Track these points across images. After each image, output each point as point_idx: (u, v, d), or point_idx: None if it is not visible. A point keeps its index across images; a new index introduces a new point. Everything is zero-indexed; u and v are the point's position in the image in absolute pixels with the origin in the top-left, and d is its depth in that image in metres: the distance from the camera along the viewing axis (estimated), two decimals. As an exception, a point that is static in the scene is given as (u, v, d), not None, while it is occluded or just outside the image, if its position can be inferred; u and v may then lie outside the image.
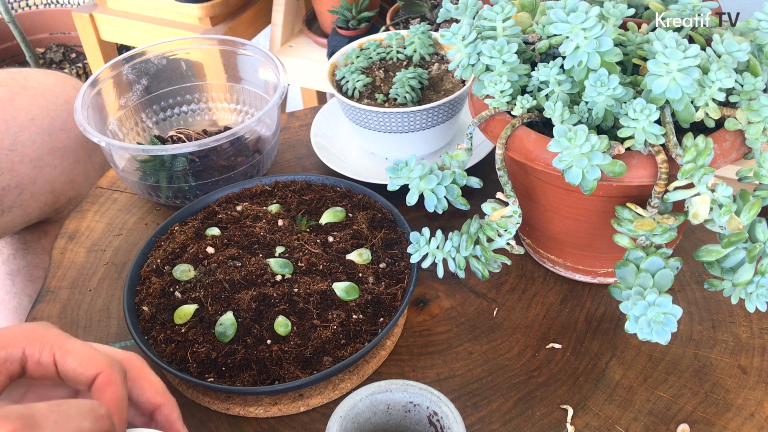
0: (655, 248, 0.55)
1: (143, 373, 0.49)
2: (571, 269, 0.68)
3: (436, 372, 0.63)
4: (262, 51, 0.88)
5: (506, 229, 0.59)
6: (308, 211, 0.73)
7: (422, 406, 0.50)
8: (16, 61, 2.03)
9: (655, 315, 0.50)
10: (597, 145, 0.51)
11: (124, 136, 0.88)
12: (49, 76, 0.95)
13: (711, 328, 0.64)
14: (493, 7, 0.59)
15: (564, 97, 0.57)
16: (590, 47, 0.53)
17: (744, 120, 0.53)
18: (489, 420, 0.59)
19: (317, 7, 1.53)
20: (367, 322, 0.62)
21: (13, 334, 0.45)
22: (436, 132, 0.79)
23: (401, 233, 0.70)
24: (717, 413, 0.58)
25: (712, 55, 0.53)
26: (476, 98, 0.62)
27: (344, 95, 0.80)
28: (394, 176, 0.61)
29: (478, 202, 0.62)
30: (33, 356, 0.44)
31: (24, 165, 0.86)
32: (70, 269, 0.76)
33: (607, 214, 0.58)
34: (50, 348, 0.44)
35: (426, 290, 0.70)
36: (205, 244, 0.69)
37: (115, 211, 0.83)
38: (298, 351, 0.60)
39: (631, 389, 0.60)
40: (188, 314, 0.64)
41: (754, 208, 0.52)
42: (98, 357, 0.44)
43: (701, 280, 0.68)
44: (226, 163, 0.81)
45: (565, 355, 0.63)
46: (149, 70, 0.90)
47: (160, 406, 0.48)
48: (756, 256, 0.53)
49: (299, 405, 0.60)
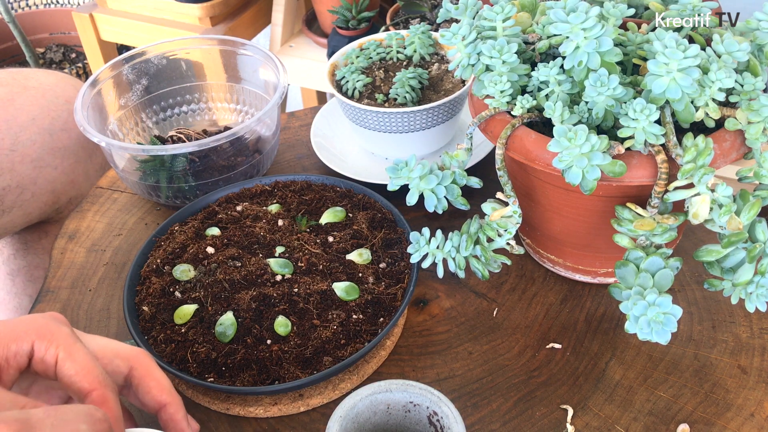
0: (655, 248, 0.55)
1: (150, 370, 0.49)
2: (571, 269, 0.68)
3: (436, 372, 0.63)
4: (262, 51, 0.88)
5: (506, 229, 0.59)
6: (308, 211, 0.73)
7: (422, 406, 0.50)
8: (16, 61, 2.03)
9: (655, 315, 0.50)
10: (597, 145, 0.51)
11: (124, 136, 0.88)
12: (50, 76, 0.95)
13: (711, 328, 0.64)
14: (493, 7, 0.59)
15: (564, 97, 0.57)
16: (590, 47, 0.53)
17: (744, 120, 0.53)
18: (489, 420, 0.59)
19: (317, 7, 1.53)
20: (367, 322, 0.62)
21: (24, 327, 0.45)
22: (436, 132, 0.79)
23: (401, 233, 0.70)
24: (717, 413, 0.58)
25: (712, 55, 0.53)
26: (476, 98, 0.62)
27: (344, 95, 0.80)
28: (394, 176, 0.61)
29: (478, 202, 0.62)
30: (39, 352, 0.44)
31: (25, 165, 0.86)
32: (70, 269, 0.76)
33: (607, 214, 0.58)
34: (56, 347, 0.44)
35: (426, 290, 0.70)
36: (205, 244, 0.69)
37: (115, 211, 0.83)
38: (298, 351, 0.60)
39: (631, 389, 0.60)
40: (188, 314, 0.64)
41: (754, 208, 0.52)
42: (95, 373, 0.44)
43: (701, 280, 0.68)
44: (226, 163, 0.81)
45: (565, 355, 0.63)
46: (149, 70, 0.90)
47: (165, 405, 0.49)
48: (756, 256, 0.53)
49: (299, 405, 0.60)
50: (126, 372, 0.49)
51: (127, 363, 0.49)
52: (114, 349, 0.49)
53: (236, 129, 0.77)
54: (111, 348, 0.49)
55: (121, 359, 0.49)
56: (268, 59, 0.86)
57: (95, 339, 0.50)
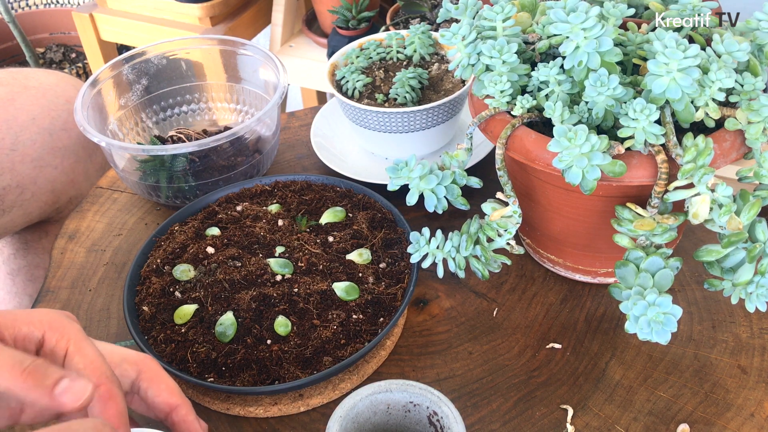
0: (655, 248, 0.55)
1: (158, 375, 0.50)
2: (571, 269, 0.68)
3: (436, 372, 0.63)
4: (262, 51, 0.88)
5: (506, 229, 0.59)
6: (308, 211, 0.73)
7: (422, 406, 0.50)
8: (16, 61, 2.03)
9: (655, 315, 0.50)
10: (597, 145, 0.51)
11: (124, 136, 0.88)
12: (50, 75, 0.95)
13: (711, 328, 0.64)
14: (493, 7, 0.59)
15: (564, 97, 0.57)
16: (590, 47, 0.53)
17: (744, 120, 0.53)
18: (489, 420, 0.59)
19: (317, 7, 1.53)
20: (367, 322, 0.62)
21: (39, 316, 0.46)
22: (436, 132, 0.79)
23: (401, 233, 0.70)
24: (717, 413, 0.58)
25: (712, 55, 0.53)
26: (476, 98, 0.62)
27: (344, 95, 0.80)
28: (394, 176, 0.61)
29: (478, 202, 0.62)
30: (50, 342, 0.45)
31: (25, 165, 0.86)
32: (70, 269, 0.76)
33: (607, 214, 0.58)
34: (67, 340, 0.45)
35: (426, 290, 0.70)
36: (205, 244, 0.69)
37: (115, 211, 0.83)
38: (298, 351, 0.60)
39: (631, 389, 0.60)
40: (188, 314, 0.64)
41: (754, 208, 0.52)
42: (103, 369, 0.45)
43: (701, 280, 0.68)
44: (226, 163, 0.81)
45: (565, 355, 0.63)
46: (149, 70, 0.90)
47: (176, 407, 0.49)
48: (756, 256, 0.53)
49: (299, 405, 0.60)
50: (134, 376, 0.50)
51: (136, 367, 0.50)
52: (122, 354, 0.50)
53: (236, 129, 0.77)
54: (118, 353, 0.50)
55: (129, 363, 0.50)
56: (268, 59, 0.86)
57: (103, 344, 0.50)
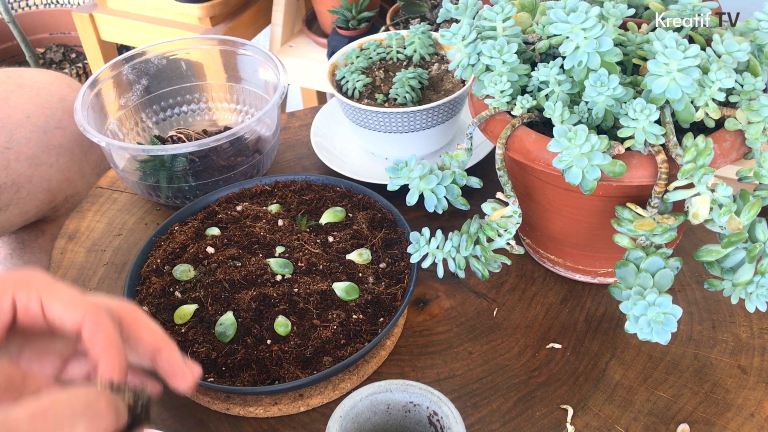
0: (655, 248, 0.55)
1: (139, 318, 0.46)
2: (571, 269, 0.68)
3: (436, 372, 0.63)
4: (262, 51, 0.88)
5: (506, 229, 0.59)
6: (308, 211, 0.73)
7: (422, 406, 0.50)
8: (16, 61, 2.03)
9: (655, 315, 0.50)
10: (597, 145, 0.51)
11: (124, 136, 0.88)
12: (44, 74, 0.95)
13: (711, 328, 0.64)
14: (493, 7, 0.59)
15: (564, 97, 0.57)
16: (590, 47, 0.53)
17: (744, 120, 0.53)
18: (489, 420, 0.59)
19: (317, 7, 1.53)
20: (367, 322, 0.62)
21: (1, 280, 0.42)
22: (436, 132, 0.79)
23: (401, 233, 0.70)
24: (717, 413, 0.58)
25: (712, 55, 0.53)
26: (476, 98, 0.62)
27: (344, 95, 0.80)
28: (394, 176, 0.61)
29: (478, 202, 0.62)
30: (21, 302, 0.42)
31: (20, 163, 0.86)
32: (70, 269, 0.76)
33: (607, 214, 0.58)
34: (37, 293, 0.42)
35: (426, 290, 0.70)
36: (205, 244, 0.69)
37: (115, 211, 0.83)
38: (298, 351, 0.60)
39: (631, 389, 0.60)
40: (188, 314, 0.64)
41: (754, 208, 0.52)
42: (82, 300, 0.42)
43: (701, 280, 0.68)
44: (226, 163, 0.81)
45: (565, 355, 0.63)
46: (149, 70, 0.90)
47: (160, 350, 0.46)
48: (756, 256, 0.53)
49: (299, 405, 0.60)
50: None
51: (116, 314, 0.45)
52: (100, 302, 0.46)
53: (236, 129, 0.77)
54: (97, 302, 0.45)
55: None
56: (268, 59, 0.86)
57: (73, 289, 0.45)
